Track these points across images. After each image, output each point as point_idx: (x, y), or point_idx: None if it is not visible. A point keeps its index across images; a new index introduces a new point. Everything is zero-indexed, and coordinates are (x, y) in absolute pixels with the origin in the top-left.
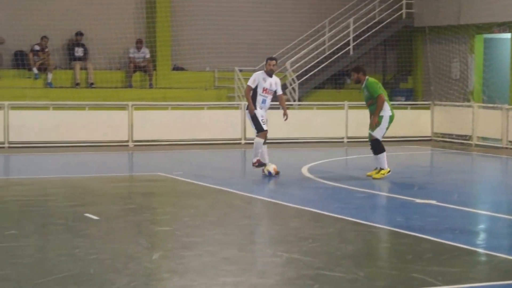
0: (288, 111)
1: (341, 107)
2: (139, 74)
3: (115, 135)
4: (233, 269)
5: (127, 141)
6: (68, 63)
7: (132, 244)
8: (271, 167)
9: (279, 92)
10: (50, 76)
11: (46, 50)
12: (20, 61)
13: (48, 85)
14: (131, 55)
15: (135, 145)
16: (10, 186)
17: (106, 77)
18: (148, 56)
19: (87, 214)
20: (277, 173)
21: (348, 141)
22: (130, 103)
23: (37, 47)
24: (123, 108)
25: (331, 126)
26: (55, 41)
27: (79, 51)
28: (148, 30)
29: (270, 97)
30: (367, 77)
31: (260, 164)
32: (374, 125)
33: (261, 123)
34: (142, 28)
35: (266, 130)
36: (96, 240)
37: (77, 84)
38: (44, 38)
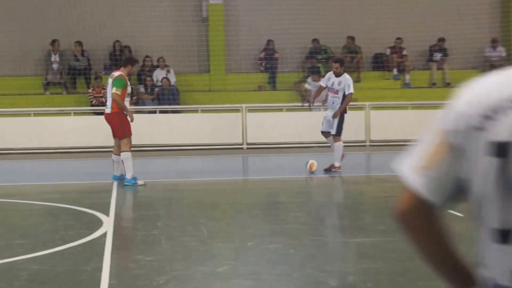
0: None
1: None
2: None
3: None
4: None
5: None
6: (425, 64)
7: None
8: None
9: (346, 92)
10: (407, 77)
11: (404, 52)
12: (380, 63)
13: (406, 85)
14: (486, 54)
15: None
16: (372, 183)
17: (462, 77)
18: (504, 54)
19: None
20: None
21: None
22: None
23: (390, 50)
24: None
25: None
26: (413, 44)
27: (437, 56)
28: (503, 29)
29: (333, 95)
30: None
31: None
32: None
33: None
34: (497, 27)
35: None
36: (463, 236)
37: (434, 84)
38: (398, 39)
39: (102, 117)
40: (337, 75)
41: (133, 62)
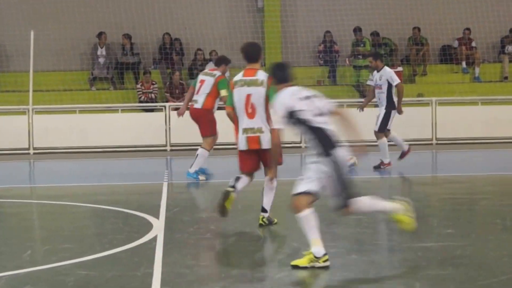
0: None
1: None
2: None
3: None
4: None
5: None
6: (496, 56)
7: None
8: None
9: (393, 84)
10: (477, 70)
11: (473, 44)
12: (448, 55)
13: (476, 79)
14: None
15: None
16: (439, 184)
17: None
18: None
19: None
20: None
21: None
22: None
23: (458, 42)
24: None
25: None
26: (483, 35)
27: (509, 48)
28: None
29: (378, 91)
30: None
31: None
32: None
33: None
34: None
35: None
36: None
37: (505, 77)
38: (467, 30)
39: (151, 114)
40: (376, 69)
41: (227, 62)
